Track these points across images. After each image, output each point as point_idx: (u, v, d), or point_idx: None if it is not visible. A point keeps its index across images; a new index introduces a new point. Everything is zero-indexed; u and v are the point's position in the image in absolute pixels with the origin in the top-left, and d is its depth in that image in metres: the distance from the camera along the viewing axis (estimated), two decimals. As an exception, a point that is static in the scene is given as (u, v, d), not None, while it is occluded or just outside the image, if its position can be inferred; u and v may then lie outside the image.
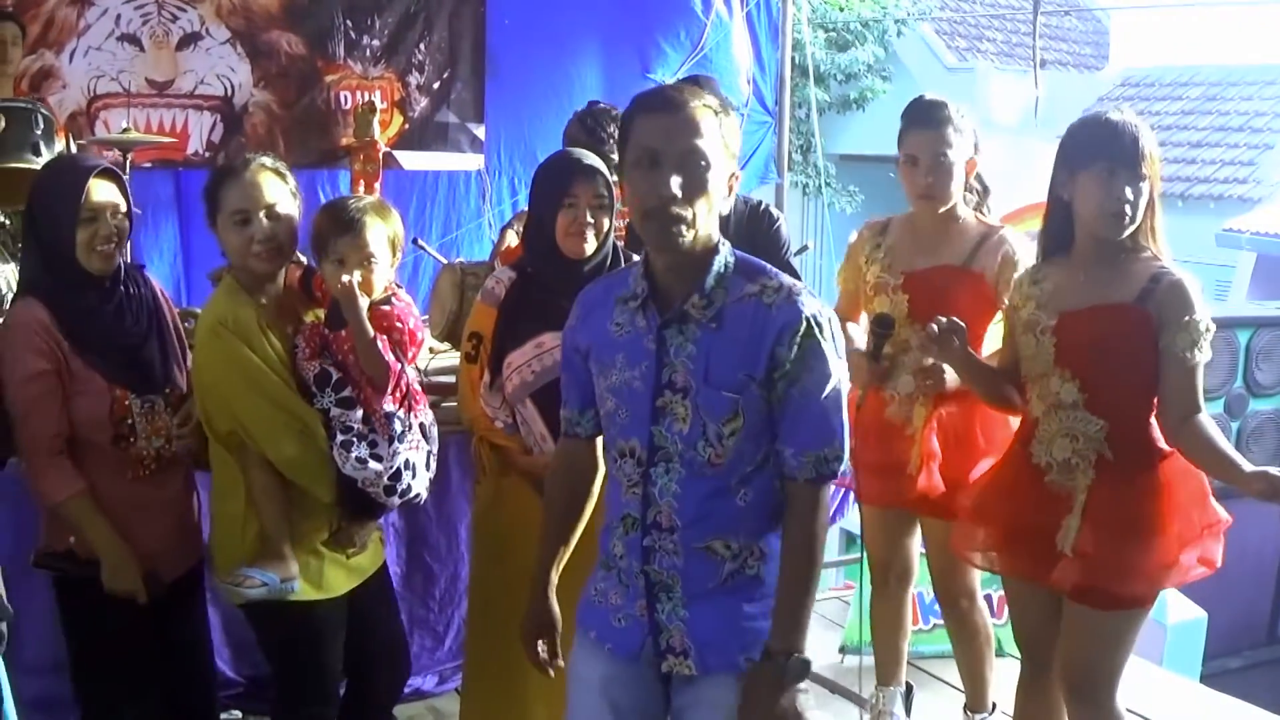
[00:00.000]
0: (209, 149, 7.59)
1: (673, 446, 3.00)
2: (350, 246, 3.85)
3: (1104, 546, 3.67)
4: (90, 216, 3.74)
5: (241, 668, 5.31)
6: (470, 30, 8.17)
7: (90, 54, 7.33)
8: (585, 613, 3.27)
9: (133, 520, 3.85)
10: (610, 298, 3.14)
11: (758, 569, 3.04)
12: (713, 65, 8.42)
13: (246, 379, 3.79)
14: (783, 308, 2.97)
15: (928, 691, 5.45)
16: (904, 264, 4.51)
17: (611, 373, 3.08)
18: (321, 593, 3.92)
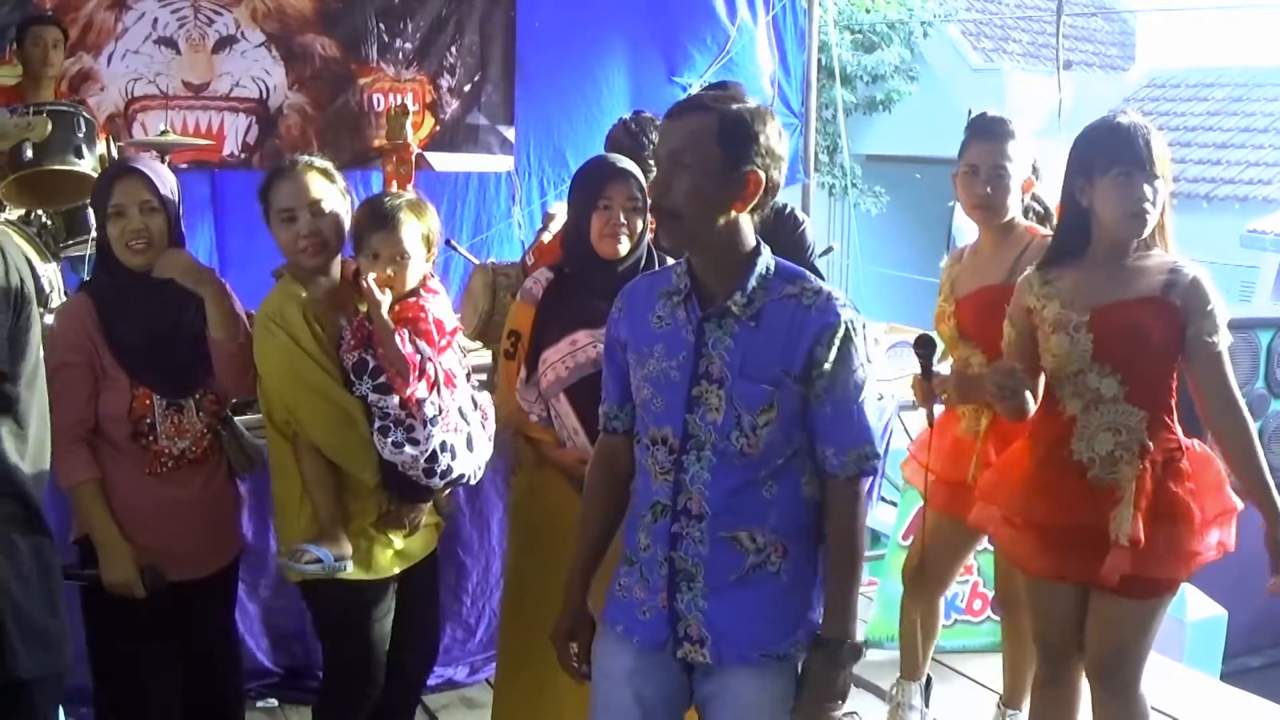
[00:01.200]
0: (244, 150, 7.74)
1: (705, 435, 3.09)
2: (384, 242, 3.97)
3: (1152, 534, 3.75)
4: (116, 212, 3.89)
5: (279, 658, 5.43)
6: (500, 34, 8.31)
7: (128, 57, 7.49)
8: (611, 608, 3.35)
9: (150, 516, 3.95)
10: (653, 292, 3.25)
11: (779, 566, 3.14)
12: (738, 69, 8.55)
13: (293, 370, 3.92)
14: (822, 310, 3.08)
15: (947, 685, 5.52)
16: (961, 289, 4.61)
17: (649, 362, 3.18)
18: (371, 573, 4.04)
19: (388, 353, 3.92)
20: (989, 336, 4.37)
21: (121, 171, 4.00)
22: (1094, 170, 3.76)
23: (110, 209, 3.90)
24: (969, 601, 6.07)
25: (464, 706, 5.51)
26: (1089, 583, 3.89)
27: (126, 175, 3.96)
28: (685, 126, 3.05)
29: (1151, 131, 3.75)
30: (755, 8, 8.69)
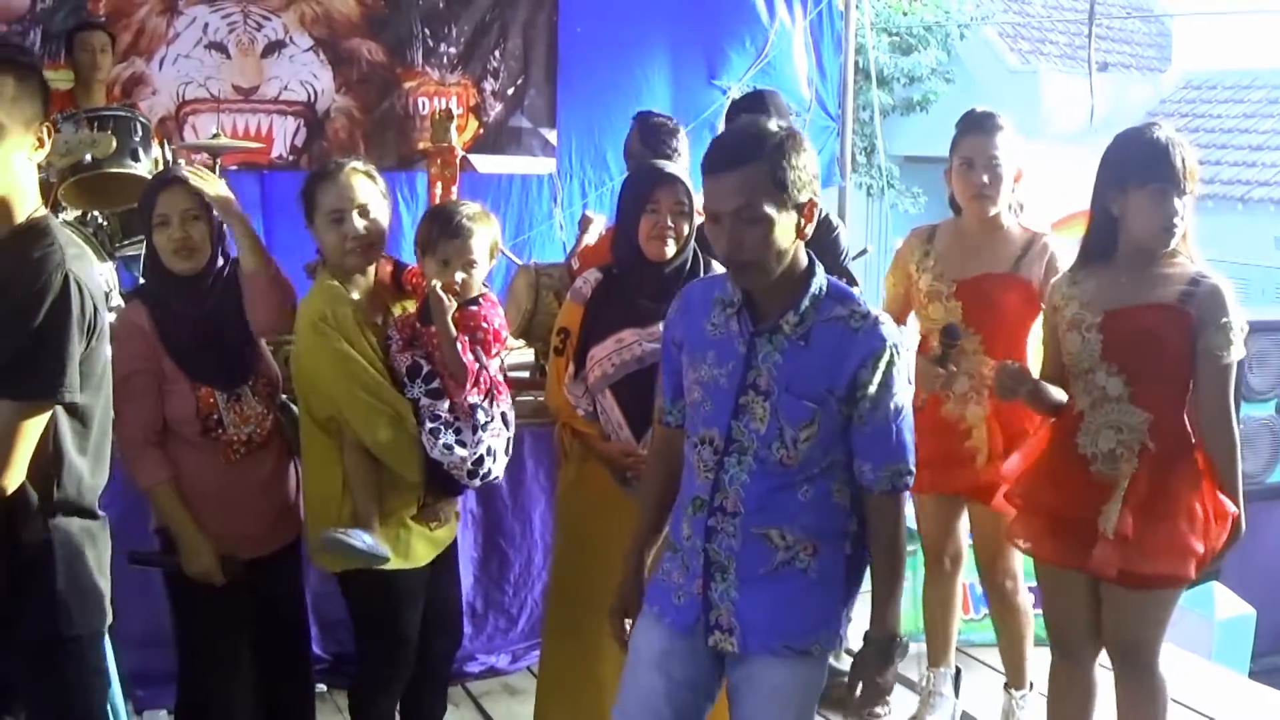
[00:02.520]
0: (293, 153, 7.89)
1: (748, 441, 3.25)
2: (456, 250, 4.16)
3: (1139, 530, 3.90)
4: (161, 221, 4.04)
5: (328, 645, 5.60)
6: (543, 38, 8.42)
7: (179, 61, 7.64)
8: (652, 591, 3.53)
9: (227, 504, 4.11)
10: (709, 298, 3.39)
11: (807, 564, 3.29)
12: (776, 72, 8.64)
13: (345, 371, 4.06)
14: (869, 334, 3.20)
15: (976, 676, 5.62)
16: (955, 272, 4.75)
17: (701, 367, 3.33)
18: (408, 563, 4.22)
19: (448, 358, 4.09)
20: (989, 323, 4.64)
21: (165, 182, 4.15)
22: (1128, 183, 3.89)
23: (156, 218, 4.05)
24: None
25: (506, 693, 5.65)
26: (1083, 570, 4.04)
27: (170, 185, 4.10)
28: (739, 180, 3.12)
29: (1185, 146, 3.89)
30: (793, 11, 8.74)
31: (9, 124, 3.05)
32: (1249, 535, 4.11)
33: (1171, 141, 3.88)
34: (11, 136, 3.07)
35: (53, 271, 3.04)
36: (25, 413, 3.04)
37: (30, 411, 3.05)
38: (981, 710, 5.37)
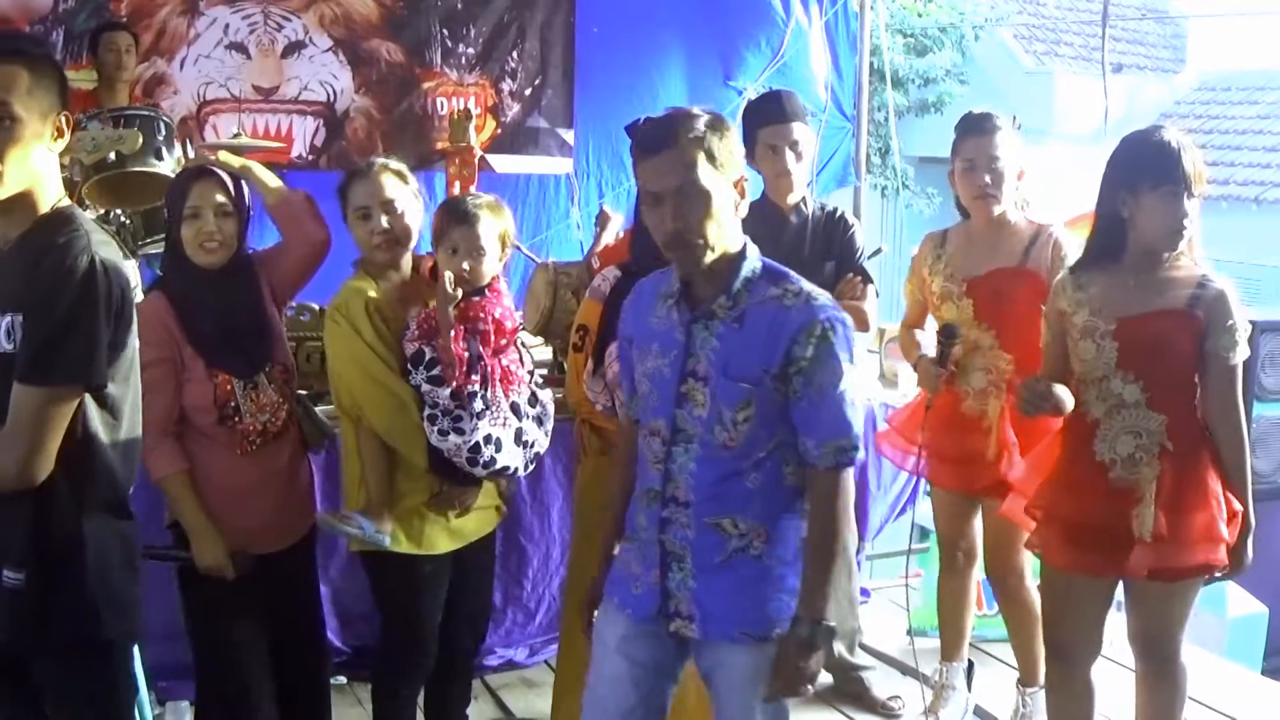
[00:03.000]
0: (312, 152, 7.98)
1: (692, 428, 3.31)
2: (463, 237, 4.25)
3: (1172, 527, 3.97)
4: (192, 214, 4.08)
5: (347, 638, 5.67)
6: (560, 39, 8.51)
7: (200, 61, 7.73)
8: (611, 582, 3.59)
9: (241, 496, 4.16)
10: (655, 293, 3.46)
11: (761, 550, 3.35)
12: (792, 72, 8.68)
13: (354, 359, 4.20)
14: (800, 310, 3.26)
15: (989, 670, 5.67)
16: (965, 271, 4.82)
17: (647, 359, 3.40)
18: (422, 550, 4.29)
19: (442, 345, 4.18)
20: (1002, 319, 4.71)
21: (199, 174, 4.19)
22: (1140, 185, 3.93)
23: (186, 210, 4.08)
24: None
25: (524, 686, 5.74)
26: (1116, 575, 4.11)
27: (204, 178, 4.15)
28: (679, 157, 3.19)
29: (1193, 149, 3.94)
30: (809, 12, 8.77)
31: (25, 116, 3.07)
32: (1262, 534, 4.17)
33: (1181, 144, 3.93)
34: (29, 128, 3.09)
35: (78, 255, 3.05)
36: (53, 398, 3.05)
37: (58, 397, 3.06)
38: (994, 704, 5.42)
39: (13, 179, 3.07)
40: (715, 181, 3.21)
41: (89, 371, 3.09)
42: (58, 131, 3.18)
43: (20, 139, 3.06)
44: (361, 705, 5.39)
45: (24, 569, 3.12)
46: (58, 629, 3.20)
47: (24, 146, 3.07)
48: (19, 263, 3.12)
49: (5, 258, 3.16)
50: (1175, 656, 4.18)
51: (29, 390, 3.04)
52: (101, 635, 3.28)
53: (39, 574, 3.14)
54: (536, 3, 8.43)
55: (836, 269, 5.27)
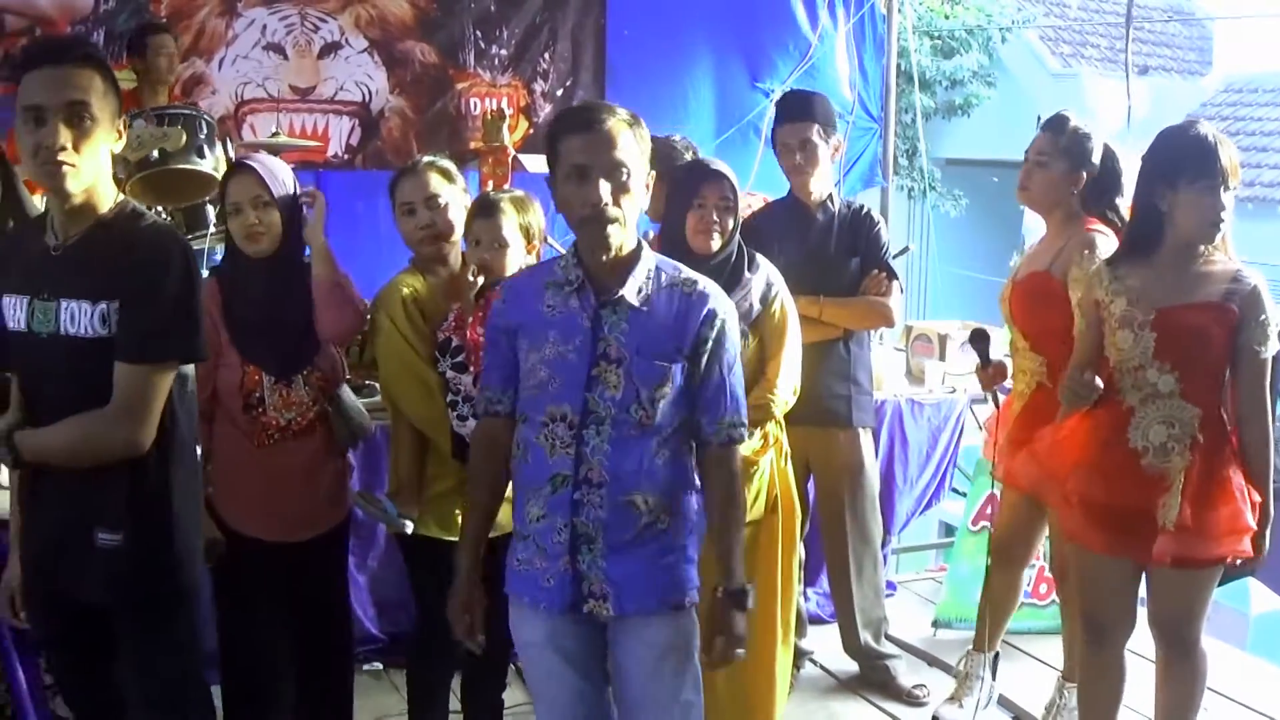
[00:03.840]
0: (348, 151, 8.14)
1: (605, 410, 3.41)
2: (485, 229, 4.40)
3: (1198, 518, 4.08)
4: (234, 209, 4.27)
5: (384, 625, 5.80)
6: (592, 40, 8.65)
7: (238, 62, 7.91)
8: (514, 581, 3.64)
9: (257, 483, 4.31)
10: (538, 283, 3.53)
11: (667, 524, 3.49)
12: (819, 75, 8.80)
13: (390, 348, 4.37)
14: (703, 296, 3.48)
15: (1013, 662, 5.75)
16: (1019, 274, 5.02)
17: (545, 347, 3.46)
18: (450, 534, 4.36)
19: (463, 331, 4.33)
20: (1031, 322, 4.85)
21: (236, 170, 4.38)
22: (1179, 179, 4.04)
23: (229, 206, 4.28)
24: (1035, 585, 6.28)
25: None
26: (1141, 561, 4.20)
27: (240, 173, 4.33)
28: (609, 137, 3.35)
29: (1228, 143, 4.05)
30: (836, 16, 8.88)
31: (100, 117, 3.26)
32: (1282, 530, 4.27)
33: (1217, 139, 4.04)
34: (102, 128, 3.27)
35: (171, 243, 3.33)
36: (160, 374, 3.32)
37: (164, 372, 3.33)
38: (1020, 696, 5.50)
39: (87, 175, 3.27)
40: (635, 167, 3.37)
41: (195, 347, 3.41)
42: (118, 134, 3.36)
43: (95, 137, 3.25)
44: (398, 691, 5.50)
45: (120, 530, 3.36)
46: (151, 583, 3.45)
47: (97, 145, 3.27)
48: (102, 255, 3.31)
49: (74, 251, 3.34)
50: (1195, 643, 4.28)
51: (138, 369, 3.29)
52: (184, 586, 3.53)
53: (135, 533, 3.37)
54: (568, 5, 8.56)
55: (862, 265, 5.42)
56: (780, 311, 4.64)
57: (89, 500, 3.38)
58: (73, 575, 3.45)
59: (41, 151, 3.22)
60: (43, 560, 3.54)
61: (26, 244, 3.48)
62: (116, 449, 3.32)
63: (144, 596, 3.46)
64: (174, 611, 3.53)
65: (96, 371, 3.30)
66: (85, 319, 3.29)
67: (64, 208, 3.33)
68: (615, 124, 3.35)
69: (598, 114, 3.39)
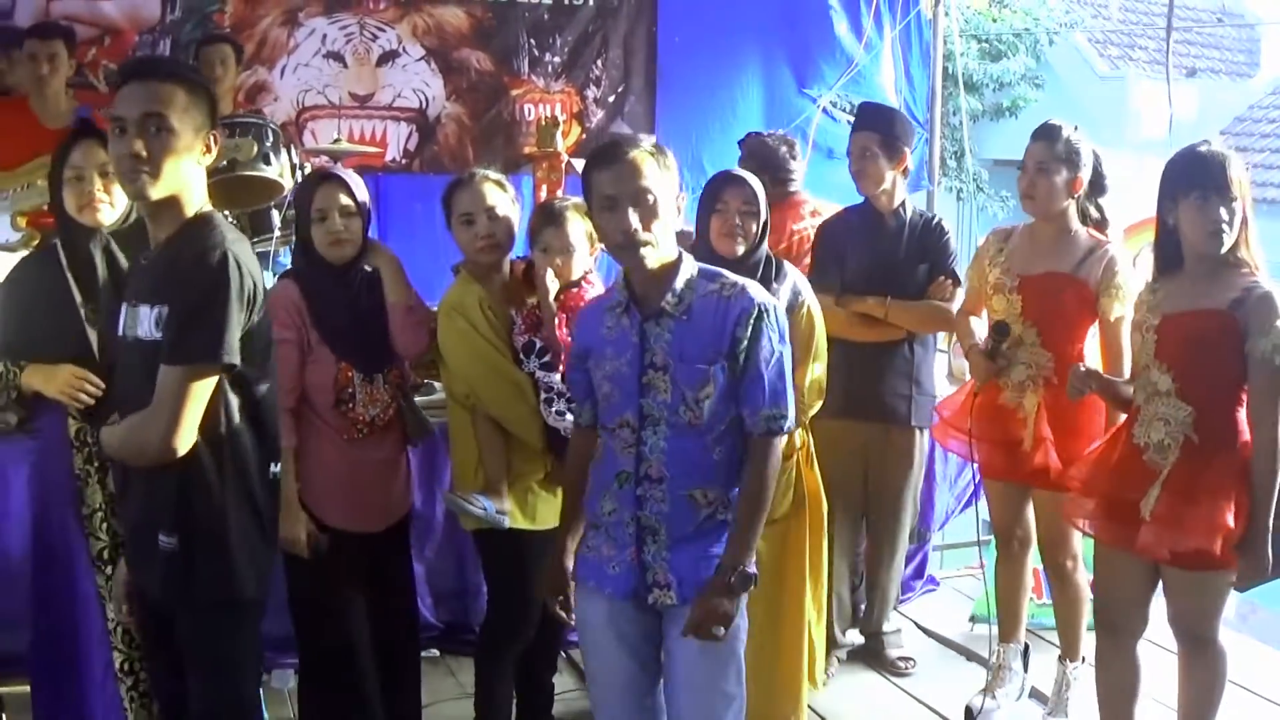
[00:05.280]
0: (405, 156, 8.34)
1: (658, 413, 3.67)
2: (554, 236, 4.65)
3: (1175, 511, 4.23)
4: (320, 216, 4.47)
5: (441, 614, 6.03)
6: (643, 48, 8.80)
7: (299, 70, 8.13)
8: (582, 567, 3.91)
9: (345, 478, 4.51)
10: (601, 309, 3.82)
11: (725, 516, 3.71)
12: (865, 81, 8.94)
13: (473, 351, 4.57)
14: (738, 298, 3.66)
15: (1045, 655, 5.86)
16: (1021, 268, 5.11)
17: (605, 364, 3.75)
18: (534, 525, 4.64)
19: (548, 333, 4.56)
20: (1047, 318, 5.00)
21: (324, 179, 4.57)
22: (1178, 193, 4.22)
23: (315, 212, 4.47)
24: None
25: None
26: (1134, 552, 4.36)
27: (328, 182, 4.53)
28: (634, 168, 3.58)
29: (1230, 158, 4.20)
30: (882, 22, 8.97)
31: (180, 129, 3.41)
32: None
33: (1214, 153, 4.21)
34: (183, 140, 3.42)
35: (212, 250, 3.39)
36: (191, 376, 3.38)
37: (195, 375, 3.39)
38: (1050, 687, 5.58)
39: (165, 183, 3.41)
40: (660, 192, 3.59)
41: (220, 352, 3.41)
42: (206, 147, 3.52)
43: (174, 149, 3.40)
44: (454, 676, 5.74)
45: (175, 534, 3.50)
46: (201, 589, 3.56)
47: (176, 156, 3.42)
48: (164, 261, 3.49)
49: (156, 259, 3.54)
50: (1211, 641, 4.43)
51: (169, 370, 3.39)
52: (238, 596, 3.63)
53: (186, 539, 3.51)
54: (620, 13, 8.71)
55: (929, 272, 5.68)
56: (806, 320, 4.78)
57: (151, 502, 3.55)
58: (145, 573, 3.64)
59: (120, 160, 3.41)
60: (129, 556, 3.77)
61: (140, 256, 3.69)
62: (150, 449, 3.41)
63: (197, 602, 3.59)
64: (226, 620, 3.64)
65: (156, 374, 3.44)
66: (147, 322, 3.46)
67: (149, 216, 3.52)
68: (639, 155, 3.59)
69: (622, 148, 3.63)
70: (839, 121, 9.02)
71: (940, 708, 5.72)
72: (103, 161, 4.19)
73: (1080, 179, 5.01)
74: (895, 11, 9.02)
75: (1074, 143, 4.98)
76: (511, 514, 4.62)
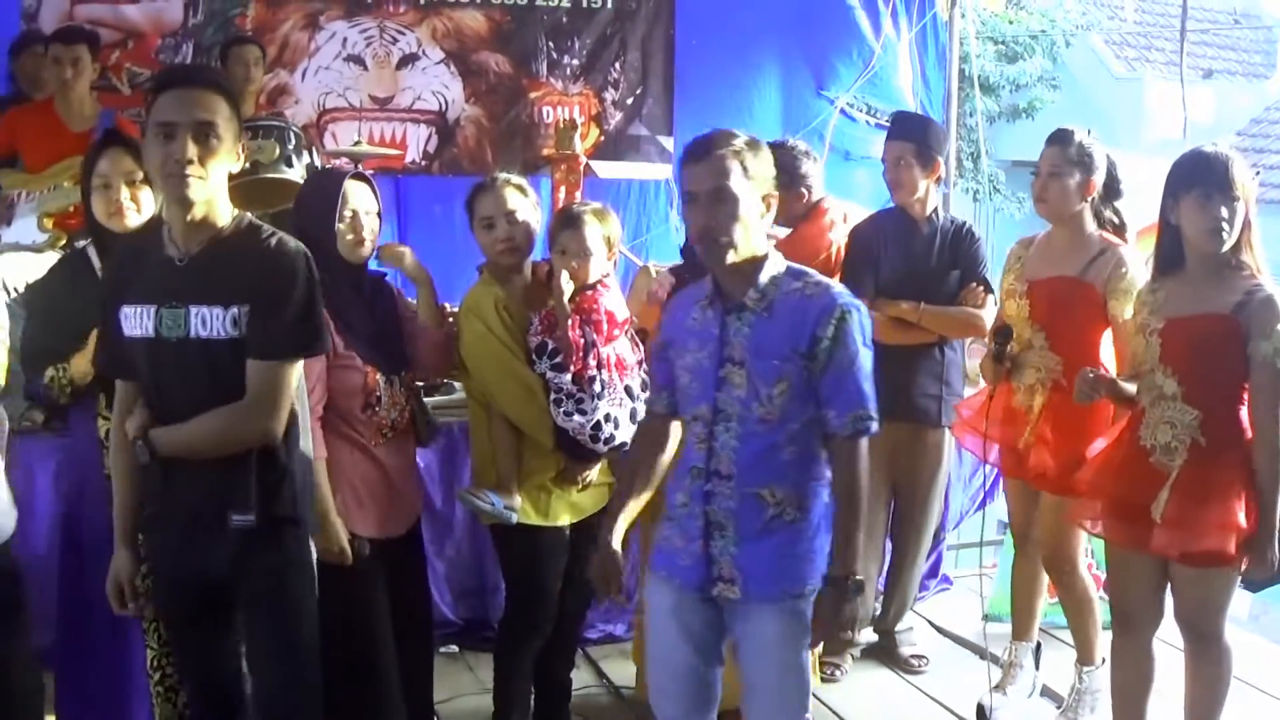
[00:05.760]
0: (425, 158, 8.43)
1: (732, 408, 3.73)
2: (571, 240, 4.75)
3: (1186, 513, 4.29)
4: (351, 216, 4.45)
5: (460, 610, 6.10)
6: (661, 50, 8.86)
7: (320, 73, 8.23)
8: (655, 557, 4.00)
9: (374, 484, 4.53)
10: (689, 301, 3.91)
11: (794, 517, 3.74)
12: (881, 82, 9.01)
13: (487, 351, 4.66)
14: (821, 297, 3.69)
15: (1057, 653, 5.95)
16: (1031, 273, 5.17)
17: (686, 355, 3.83)
18: (546, 521, 4.74)
19: (560, 334, 4.64)
20: (1055, 322, 5.06)
21: (355, 180, 4.54)
22: (1179, 192, 4.28)
23: (348, 212, 4.43)
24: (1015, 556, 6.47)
25: (622, 657, 6.11)
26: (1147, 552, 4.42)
27: (360, 182, 4.52)
28: (716, 166, 3.64)
29: (1233, 159, 4.25)
30: (899, 25, 9.03)
31: (224, 138, 3.54)
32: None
33: (1217, 154, 4.27)
34: (225, 148, 3.56)
35: (294, 249, 3.62)
36: (289, 368, 3.64)
37: (291, 366, 3.66)
38: (1063, 685, 5.65)
39: (208, 190, 3.55)
40: (742, 190, 3.64)
41: (319, 341, 3.73)
42: (238, 155, 3.65)
43: (219, 156, 3.54)
44: (472, 671, 5.82)
45: (251, 511, 3.64)
46: (277, 557, 3.76)
47: (221, 163, 3.56)
48: (230, 264, 3.59)
49: (200, 262, 3.61)
50: (1217, 638, 4.48)
51: (266, 364, 3.60)
52: (308, 557, 3.88)
53: (264, 512, 3.67)
54: (638, 16, 8.78)
55: (961, 278, 5.78)
56: None
57: (223, 485, 3.66)
58: (206, 555, 3.73)
59: (170, 163, 3.50)
60: (176, 544, 3.82)
61: (147, 258, 3.72)
62: (255, 438, 3.63)
63: (272, 567, 3.75)
64: (300, 577, 3.85)
65: (228, 369, 3.60)
66: (217, 323, 3.57)
67: (185, 220, 3.59)
68: (725, 153, 3.63)
69: (710, 145, 3.67)
70: (856, 123, 9.09)
71: (952, 705, 5.77)
72: (129, 170, 4.29)
73: (1093, 182, 5.05)
74: (911, 14, 9.08)
75: (1087, 147, 5.03)
76: (524, 510, 4.70)
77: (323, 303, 3.72)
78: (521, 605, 4.89)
